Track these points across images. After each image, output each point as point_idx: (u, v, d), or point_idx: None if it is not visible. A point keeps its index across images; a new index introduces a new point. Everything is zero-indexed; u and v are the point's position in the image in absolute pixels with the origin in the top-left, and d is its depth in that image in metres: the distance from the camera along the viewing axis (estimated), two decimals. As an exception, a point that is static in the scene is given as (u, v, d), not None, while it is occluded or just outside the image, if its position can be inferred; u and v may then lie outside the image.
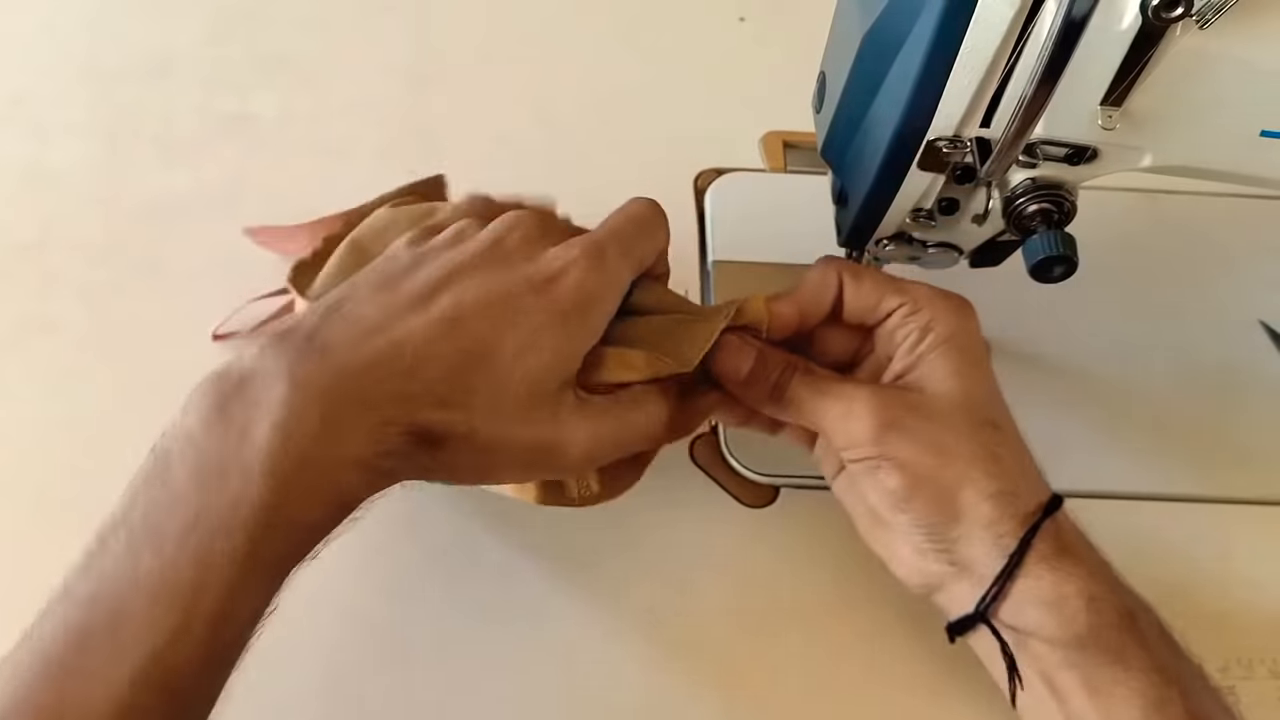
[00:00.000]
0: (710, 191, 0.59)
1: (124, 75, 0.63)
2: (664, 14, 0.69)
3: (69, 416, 0.48)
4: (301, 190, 0.58)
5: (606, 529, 0.45)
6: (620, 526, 0.45)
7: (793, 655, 0.43)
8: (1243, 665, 0.43)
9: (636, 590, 0.44)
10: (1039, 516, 0.37)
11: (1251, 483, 0.49)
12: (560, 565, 0.44)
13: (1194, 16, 0.33)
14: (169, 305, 0.52)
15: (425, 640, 0.41)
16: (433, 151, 0.60)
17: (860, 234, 0.45)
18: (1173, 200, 0.60)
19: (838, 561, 0.45)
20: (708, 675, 0.42)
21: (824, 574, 0.45)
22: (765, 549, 0.46)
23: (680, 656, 0.43)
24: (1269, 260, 0.59)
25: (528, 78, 0.65)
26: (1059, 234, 0.38)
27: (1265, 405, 0.52)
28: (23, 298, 0.52)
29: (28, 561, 0.44)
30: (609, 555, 0.44)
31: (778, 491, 0.48)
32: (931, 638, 0.44)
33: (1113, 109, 0.36)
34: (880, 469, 0.37)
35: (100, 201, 0.56)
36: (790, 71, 0.53)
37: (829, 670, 0.43)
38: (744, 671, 0.43)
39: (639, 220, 0.39)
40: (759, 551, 0.46)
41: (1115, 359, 0.53)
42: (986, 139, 0.38)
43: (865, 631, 0.44)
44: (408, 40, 0.66)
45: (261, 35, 0.66)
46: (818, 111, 0.45)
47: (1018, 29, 0.35)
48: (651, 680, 0.42)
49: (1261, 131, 0.37)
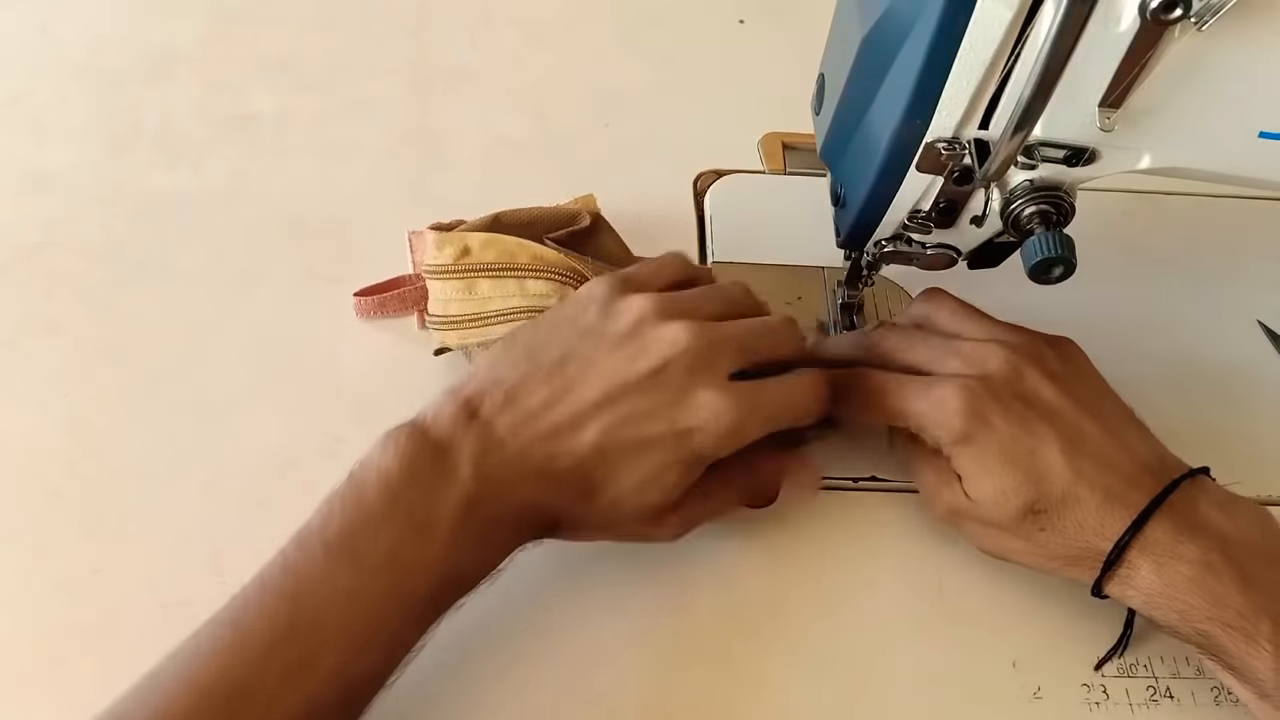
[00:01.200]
0: (710, 193, 0.59)
1: (124, 75, 0.63)
2: (664, 16, 0.70)
3: (70, 416, 0.48)
4: (301, 190, 0.58)
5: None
6: (620, 527, 0.45)
7: (792, 655, 0.43)
8: (1241, 665, 0.43)
9: (636, 590, 0.44)
10: (1155, 496, 0.39)
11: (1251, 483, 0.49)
12: (559, 565, 0.44)
13: (1192, 18, 0.33)
14: (169, 305, 0.52)
15: (426, 642, 0.41)
16: (433, 151, 0.60)
17: (859, 235, 0.45)
18: (1171, 201, 0.60)
19: (838, 562, 0.45)
20: (707, 675, 0.43)
21: (824, 574, 0.45)
22: (766, 549, 0.46)
23: (680, 657, 0.43)
24: (1268, 261, 0.59)
25: (528, 78, 0.65)
26: (1057, 235, 0.38)
27: (1264, 405, 0.52)
28: (23, 298, 0.52)
29: (29, 560, 0.44)
30: (609, 556, 0.44)
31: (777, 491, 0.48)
32: (931, 637, 0.44)
33: (1111, 110, 0.36)
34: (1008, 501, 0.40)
35: (101, 202, 0.56)
36: (789, 73, 0.53)
37: (829, 670, 0.43)
38: (743, 672, 0.43)
39: (797, 391, 0.41)
40: (759, 551, 0.46)
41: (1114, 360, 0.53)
42: (985, 140, 0.38)
43: (865, 631, 0.44)
44: (408, 40, 0.66)
45: (262, 35, 0.66)
46: (817, 113, 0.45)
47: (1016, 31, 0.35)
48: (651, 680, 0.42)
49: (1260, 133, 0.37)
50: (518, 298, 0.46)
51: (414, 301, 0.51)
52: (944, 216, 0.42)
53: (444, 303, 0.48)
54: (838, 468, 0.47)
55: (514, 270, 0.47)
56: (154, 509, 0.45)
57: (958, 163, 0.39)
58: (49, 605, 0.43)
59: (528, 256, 0.47)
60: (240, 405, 0.49)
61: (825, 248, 0.47)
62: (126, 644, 0.42)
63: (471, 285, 0.47)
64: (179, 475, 0.46)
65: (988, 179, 0.39)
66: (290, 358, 0.50)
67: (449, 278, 0.47)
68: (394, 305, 0.51)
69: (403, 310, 0.51)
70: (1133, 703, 0.42)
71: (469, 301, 0.47)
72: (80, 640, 0.42)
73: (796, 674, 0.43)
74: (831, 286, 0.54)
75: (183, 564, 0.44)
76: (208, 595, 0.43)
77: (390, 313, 0.51)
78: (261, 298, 0.53)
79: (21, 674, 0.41)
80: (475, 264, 0.47)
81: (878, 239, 0.45)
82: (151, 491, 0.46)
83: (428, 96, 0.63)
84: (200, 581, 0.44)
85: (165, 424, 0.48)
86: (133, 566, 0.44)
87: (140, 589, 0.43)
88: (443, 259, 0.47)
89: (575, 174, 0.60)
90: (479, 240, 0.47)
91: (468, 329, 0.47)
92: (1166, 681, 0.43)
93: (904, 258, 0.45)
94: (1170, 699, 0.42)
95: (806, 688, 0.42)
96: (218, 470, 0.47)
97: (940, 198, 0.41)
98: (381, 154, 0.60)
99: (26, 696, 0.41)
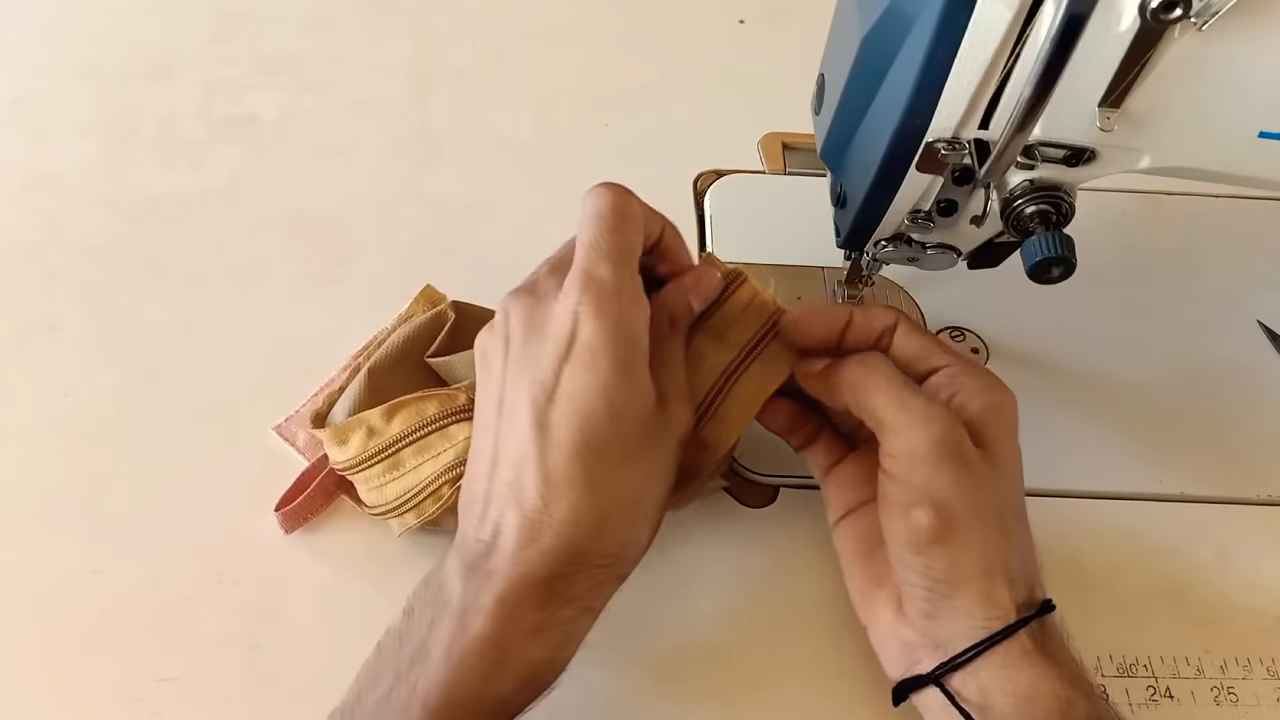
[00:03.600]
0: (710, 193, 0.59)
1: (125, 76, 0.63)
2: (664, 16, 0.70)
3: (71, 416, 0.48)
4: (301, 190, 0.58)
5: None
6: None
7: (792, 655, 0.43)
8: (1242, 665, 0.43)
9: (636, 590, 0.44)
10: (1032, 612, 0.37)
11: (1251, 483, 0.49)
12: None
13: (1192, 18, 0.33)
14: (169, 305, 0.52)
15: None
16: (433, 151, 0.60)
17: (859, 235, 0.45)
18: (1171, 201, 0.60)
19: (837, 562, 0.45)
20: (707, 675, 0.43)
21: (823, 574, 0.45)
22: (765, 549, 0.46)
23: (680, 656, 0.43)
24: (1267, 260, 0.59)
25: (528, 78, 0.65)
26: (1057, 235, 0.38)
27: (1264, 405, 0.52)
28: (24, 298, 0.52)
29: (30, 560, 0.44)
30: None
31: (778, 491, 0.48)
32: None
33: (1111, 110, 0.36)
34: (916, 505, 0.36)
35: (101, 202, 0.56)
36: (789, 73, 0.53)
37: (829, 670, 0.43)
38: (743, 672, 0.43)
39: (603, 217, 0.37)
40: (759, 551, 0.46)
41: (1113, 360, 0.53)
42: (985, 140, 0.38)
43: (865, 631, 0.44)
44: (408, 40, 0.66)
45: (263, 36, 0.66)
46: (817, 113, 0.45)
47: (1016, 31, 0.35)
48: (651, 680, 0.42)
49: (1260, 133, 0.37)
50: (449, 451, 0.42)
51: (335, 486, 0.46)
52: (944, 216, 0.42)
53: (378, 490, 0.43)
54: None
55: (429, 426, 0.42)
56: (154, 509, 0.46)
57: (958, 162, 0.39)
58: (49, 605, 0.43)
59: (435, 407, 0.42)
60: (240, 405, 0.49)
61: (825, 248, 0.47)
62: (126, 644, 0.42)
63: (395, 463, 0.42)
64: (179, 475, 0.46)
65: (988, 179, 0.39)
66: (290, 358, 0.50)
67: (369, 466, 0.43)
68: (319, 502, 0.45)
69: (328, 502, 0.46)
70: (1133, 703, 0.42)
71: (401, 480, 0.42)
72: (80, 640, 0.42)
73: (797, 674, 0.43)
74: (831, 286, 0.54)
75: (183, 564, 0.44)
76: (207, 595, 0.43)
77: (318, 510, 0.45)
78: (261, 298, 0.53)
79: (21, 674, 0.41)
80: (387, 442, 0.42)
81: (878, 239, 0.45)
82: (151, 491, 0.46)
83: (428, 96, 0.63)
84: (200, 581, 0.44)
85: (165, 424, 0.48)
86: (133, 566, 0.44)
87: (140, 589, 0.43)
88: (351, 452, 0.43)
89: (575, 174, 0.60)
90: (377, 416, 0.43)
91: (415, 504, 0.43)
92: (1166, 681, 0.43)
93: (904, 258, 0.45)
94: (1170, 699, 0.42)
95: (807, 688, 0.42)
96: (218, 470, 0.47)
97: (940, 198, 0.41)
98: (381, 154, 0.60)
99: (27, 696, 0.41)
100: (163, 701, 0.41)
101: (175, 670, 0.41)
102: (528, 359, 0.36)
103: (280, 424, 0.48)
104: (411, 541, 0.44)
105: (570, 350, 0.35)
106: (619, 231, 0.37)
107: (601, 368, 0.34)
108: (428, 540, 0.44)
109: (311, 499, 0.45)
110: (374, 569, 0.44)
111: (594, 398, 0.34)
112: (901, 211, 0.42)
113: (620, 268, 0.36)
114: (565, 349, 0.35)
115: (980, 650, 0.36)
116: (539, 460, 0.34)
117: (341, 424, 0.43)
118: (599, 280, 0.35)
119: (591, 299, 0.35)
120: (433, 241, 0.56)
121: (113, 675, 0.41)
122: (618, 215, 0.37)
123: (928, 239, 0.44)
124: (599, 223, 0.37)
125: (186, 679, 0.41)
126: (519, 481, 0.35)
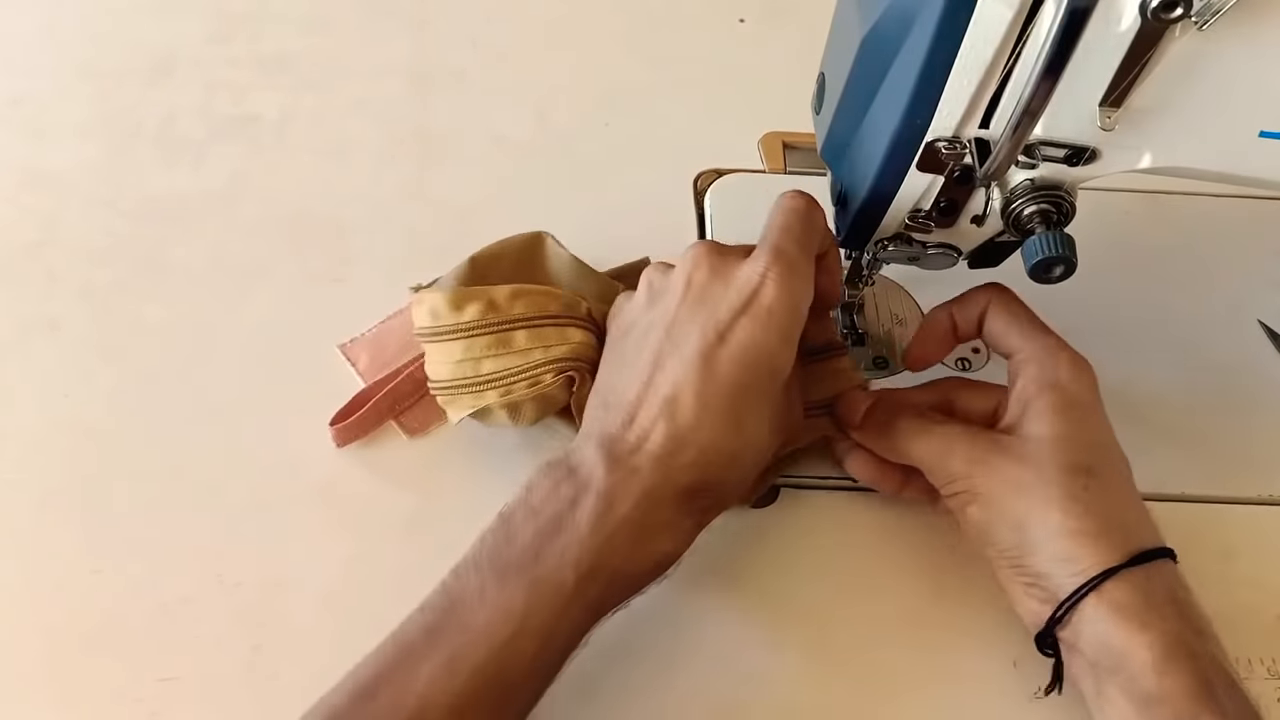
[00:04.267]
0: (710, 192, 0.59)
1: (124, 75, 0.63)
2: (664, 15, 0.69)
3: (70, 416, 0.48)
4: (301, 190, 0.58)
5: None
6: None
7: (792, 655, 0.43)
8: (1242, 665, 0.43)
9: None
10: (1121, 562, 0.37)
11: (1251, 483, 0.49)
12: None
13: (1193, 18, 0.33)
14: (169, 305, 0.52)
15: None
16: (433, 151, 0.60)
17: (860, 235, 0.45)
18: (1172, 200, 0.60)
19: (838, 561, 0.46)
20: (707, 675, 0.43)
21: (823, 574, 0.45)
22: (765, 549, 0.46)
23: (679, 657, 0.43)
24: (1268, 260, 0.59)
25: (527, 78, 0.65)
26: (1058, 235, 0.38)
27: (1264, 405, 0.52)
28: (24, 298, 0.52)
29: (30, 560, 0.44)
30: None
31: (778, 491, 0.48)
32: (930, 637, 0.44)
33: (1112, 110, 0.36)
34: (967, 504, 0.41)
35: (101, 202, 0.56)
36: (790, 73, 0.53)
37: (829, 670, 0.43)
38: (743, 672, 0.43)
39: (797, 212, 0.41)
40: (759, 551, 0.46)
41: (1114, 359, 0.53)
42: (985, 140, 0.38)
43: (865, 631, 0.44)
44: (408, 41, 0.66)
45: (263, 36, 0.66)
46: (817, 112, 0.45)
47: (1017, 30, 0.35)
48: (650, 680, 0.42)
49: (1260, 132, 0.37)
50: (561, 347, 0.44)
51: (387, 410, 0.48)
52: (944, 216, 0.42)
53: (473, 362, 0.44)
54: (839, 468, 0.47)
55: (550, 319, 0.45)
56: (154, 509, 0.46)
57: (958, 162, 0.39)
58: (49, 605, 0.43)
59: (556, 305, 0.45)
60: (240, 405, 0.49)
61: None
62: (126, 644, 0.42)
63: (506, 340, 0.44)
64: (179, 475, 0.46)
65: (988, 178, 0.39)
66: (290, 358, 0.50)
67: (479, 335, 0.44)
68: (371, 422, 0.48)
69: (378, 423, 0.48)
70: (1133, 702, 0.42)
71: (504, 357, 0.44)
72: (80, 640, 0.42)
73: (798, 673, 0.43)
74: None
75: (183, 564, 0.44)
76: (208, 595, 0.43)
77: (368, 430, 0.48)
78: (262, 298, 0.53)
79: (21, 674, 0.41)
80: (506, 319, 0.44)
81: (878, 238, 0.45)
82: (151, 491, 0.46)
83: (427, 96, 0.63)
84: (200, 581, 0.44)
85: (165, 424, 0.48)
86: (133, 566, 0.44)
87: (140, 589, 0.43)
88: (466, 317, 0.44)
89: (575, 174, 0.60)
90: (503, 293, 0.45)
91: (506, 383, 0.44)
92: (1167, 681, 0.43)
93: (904, 257, 0.45)
94: (1171, 699, 0.42)
95: (808, 687, 0.42)
96: (218, 470, 0.47)
97: (941, 197, 0.41)
98: (381, 154, 0.60)
99: (27, 696, 0.41)
100: (163, 701, 0.41)
101: (175, 670, 0.41)
102: (707, 300, 0.40)
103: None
104: (411, 544, 0.45)
105: (750, 305, 0.39)
106: (808, 226, 0.41)
107: (772, 330, 0.39)
108: (428, 543, 0.44)
109: (365, 416, 0.48)
110: (375, 573, 0.44)
111: (760, 352, 0.39)
112: (902, 211, 0.42)
113: (805, 255, 0.41)
114: (745, 303, 0.39)
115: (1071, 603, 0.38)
116: (700, 386, 0.38)
117: (461, 290, 0.45)
118: (789, 257, 0.40)
119: (780, 270, 0.39)
120: (433, 241, 0.56)
121: (113, 675, 0.41)
122: (809, 215, 0.42)
123: (928, 238, 0.44)
124: (793, 215, 0.41)
125: (186, 679, 0.41)
126: (676, 400, 0.38)
